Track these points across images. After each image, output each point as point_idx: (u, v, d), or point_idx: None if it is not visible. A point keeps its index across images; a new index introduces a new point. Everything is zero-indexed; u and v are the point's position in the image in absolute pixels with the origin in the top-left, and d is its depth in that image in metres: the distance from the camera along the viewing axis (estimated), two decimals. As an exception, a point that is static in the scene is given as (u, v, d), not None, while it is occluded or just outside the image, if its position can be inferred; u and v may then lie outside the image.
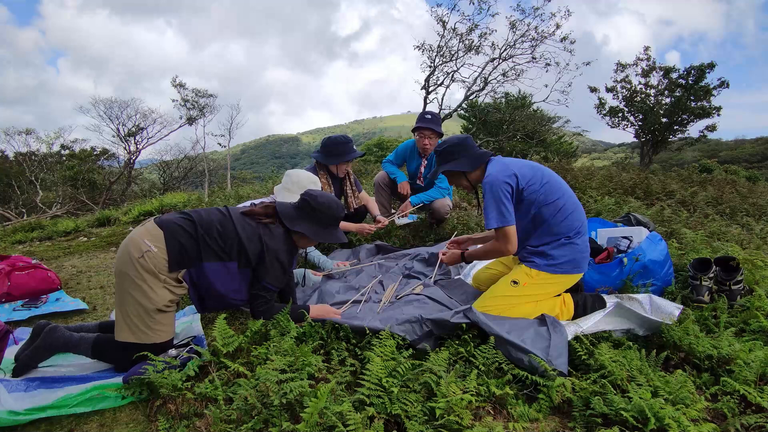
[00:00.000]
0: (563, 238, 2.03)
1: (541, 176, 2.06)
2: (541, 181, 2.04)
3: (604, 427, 1.41)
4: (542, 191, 2.02)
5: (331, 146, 3.14)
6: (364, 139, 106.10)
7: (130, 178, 20.76)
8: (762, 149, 44.89)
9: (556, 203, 2.02)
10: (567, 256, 2.02)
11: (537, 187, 2.02)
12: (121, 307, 1.82)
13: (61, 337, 1.86)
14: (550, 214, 2.02)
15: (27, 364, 1.83)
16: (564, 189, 2.10)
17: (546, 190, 2.02)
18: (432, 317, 1.93)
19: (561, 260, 2.02)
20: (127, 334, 1.80)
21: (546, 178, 2.07)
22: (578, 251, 2.04)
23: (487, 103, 19.24)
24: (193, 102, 21.36)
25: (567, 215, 2.03)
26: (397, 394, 1.49)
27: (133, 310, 1.79)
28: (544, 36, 14.99)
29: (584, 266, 2.10)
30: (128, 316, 1.80)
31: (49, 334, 1.85)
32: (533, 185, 2.01)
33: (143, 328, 1.80)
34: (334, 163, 3.16)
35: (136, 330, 1.79)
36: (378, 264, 3.02)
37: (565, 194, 2.08)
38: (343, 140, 3.17)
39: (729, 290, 2.21)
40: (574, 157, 20.61)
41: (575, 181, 5.81)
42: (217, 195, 6.04)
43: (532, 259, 2.06)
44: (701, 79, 17.70)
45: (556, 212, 2.02)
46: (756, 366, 1.60)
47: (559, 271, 2.02)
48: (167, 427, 1.48)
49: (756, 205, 5.23)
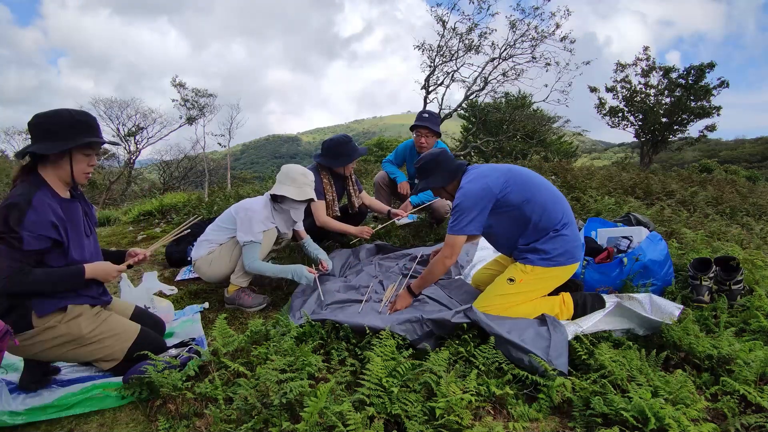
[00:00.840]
0: (551, 232, 2.03)
1: (513, 178, 2.07)
2: (515, 182, 2.05)
3: (604, 427, 1.41)
4: (518, 192, 2.03)
5: (336, 148, 3.11)
6: (364, 138, 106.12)
7: (130, 178, 20.76)
8: (762, 149, 44.90)
9: (534, 200, 2.03)
10: (559, 249, 2.02)
11: (512, 189, 2.03)
12: (69, 359, 1.75)
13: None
14: (531, 211, 2.02)
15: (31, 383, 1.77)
16: (539, 185, 2.10)
17: (521, 190, 2.04)
18: (432, 317, 1.92)
19: (554, 253, 2.02)
20: (105, 364, 1.77)
21: (519, 178, 2.08)
22: (569, 241, 2.04)
23: (487, 102, 19.24)
24: (193, 102, 21.36)
25: (547, 209, 2.04)
26: (397, 394, 1.49)
27: (76, 353, 1.73)
28: (544, 35, 15.00)
29: (579, 255, 2.09)
30: (81, 356, 1.75)
31: None
32: (508, 189, 2.03)
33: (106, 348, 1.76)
34: (342, 165, 3.13)
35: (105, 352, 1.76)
36: (378, 264, 3.02)
37: (542, 190, 2.08)
38: (346, 140, 3.15)
39: (729, 290, 2.20)
40: (574, 156, 20.61)
41: (575, 181, 5.80)
42: (217, 195, 6.04)
43: (525, 255, 2.07)
44: (701, 79, 17.71)
45: (536, 209, 2.03)
46: (756, 366, 1.60)
47: (554, 264, 2.02)
48: (167, 427, 1.49)
49: (756, 205, 5.23)
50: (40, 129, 1.63)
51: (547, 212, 2.03)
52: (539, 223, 2.03)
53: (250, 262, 2.48)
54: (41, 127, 1.63)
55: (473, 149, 17.95)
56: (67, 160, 1.66)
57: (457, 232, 2.04)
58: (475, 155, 17.04)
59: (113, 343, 1.77)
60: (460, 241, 2.08)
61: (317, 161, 3.19)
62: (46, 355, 1.71)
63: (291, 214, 2.68)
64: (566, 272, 2.08)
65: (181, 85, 21.00)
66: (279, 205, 2.65)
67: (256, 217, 2.49)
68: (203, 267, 2.59)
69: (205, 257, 2.58)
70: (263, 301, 2.59)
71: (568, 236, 2.04)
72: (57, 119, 1.62)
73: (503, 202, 2.03)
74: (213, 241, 2.59)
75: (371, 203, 3.49)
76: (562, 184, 5.76)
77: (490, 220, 2.08)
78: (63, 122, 1.63)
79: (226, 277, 2.61)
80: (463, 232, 2.03)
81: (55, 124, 1.62)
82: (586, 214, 4.03)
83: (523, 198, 2.02)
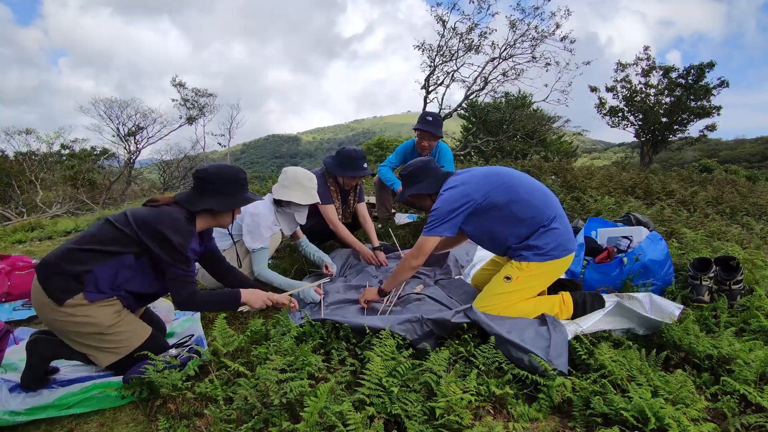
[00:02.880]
0: (540, 228, 2.04)
1: (496, 181, 2.08)
2: (498, 184, 2.06)
3: (604, 426, 1.41)
4: (502, 193, 2.04)
5: (343, 157, 3.08)
6: (364, 138, 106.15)
7: (130, 178, 20.76)
8: (762, 149, 44.90)
9: (520, 199, 2.04)
10: (551, 243, 2.02)
11: (497, 191, 2.04)
12: (80, 346, 1.75)
13: (48, 347, 1.79)
14: (518, 209, 2.03)
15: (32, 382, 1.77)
16: (523, 183, 2.11)
17: (505, 190, 2.05)
18: (432, 317, 1.93)
19: (547, 248, 2.02)
20: (107, 359, 1.77)
21: (501, 179, 2.09)
22: (560, 234, 2.05)
23: (487, 102, 19.23)
24: (192, 101, 21.36)
25: (534, 205, 2.05)
26: (397, 393, 1.49)
27: (91, 341, 1.73)
28: (544, 35, 14.99)
29: (572, 247, 2.10)
30: (93, 347, 1.75)
31: (34, 346, 1.78)
32: (491, 192, 2.04)
33: (116, 346, 1.75)
34: (339, 175, 3.09)
35: (111, 350, 1.76)
36: (377, 264, 3.03)
37: (526, 187, 2.09)
38: (356, 155, 3.07)
39: (729, 290, 2.21)
40: (574, 156, 20.59)
41: (575, 181, 5.80)
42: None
43: (519, 253, 2.07)
44: (701, 79, 17.70)
45: (523, 207, 2.03)
46: (756, 366, 1.60)
47: (548, 258, 2.03)
48: (167, 426, 1.48)
49: (756, 205, 5.23)
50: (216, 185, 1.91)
51: (534, 208, 2.04)
52: (529, 220, 2.04)
53: (260, 269, 2.47)
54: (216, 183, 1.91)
55: (473, 149, 17.95)
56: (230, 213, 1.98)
57: (428, 233, 2.08)
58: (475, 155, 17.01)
59: (125, 339, 1.78)
60: (430, 242, 2.10)
61: (324, 164, 3.17)
62: (65, 331, 1.72)
63: (296, 217, 2.69)
64: (561, 265, 2.08)
65: (180, 84, 21.01)
66: (283, 209, 2.65)
67: (263, 223, 2.49)
68: (205, 276, 2.54)
69: None
70: (263, 301, 2.58)
71: (559, 230, 2.05)
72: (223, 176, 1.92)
73: (489, 205, 2.04)
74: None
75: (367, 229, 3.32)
76: (562, 184, 5.76)
77: (481, 225, 2.10)
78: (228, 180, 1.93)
79: None
80: (435, 233, 2.06)
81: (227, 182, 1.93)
82: (586, 214, 4.03)
83: (508, 198, 2.03)
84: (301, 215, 2.70)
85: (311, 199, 2.62)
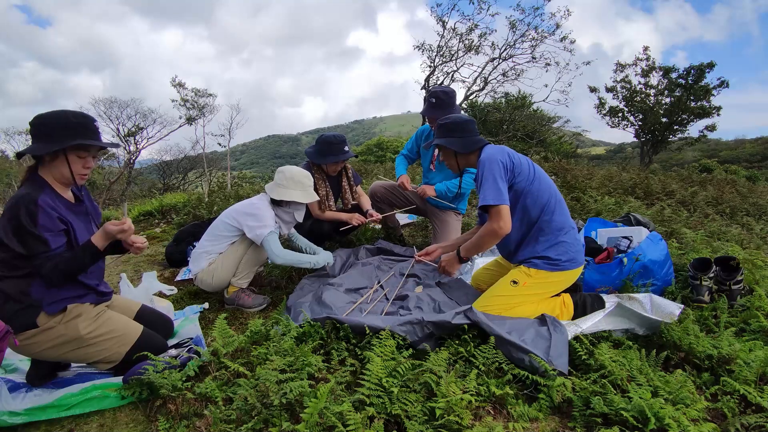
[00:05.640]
0: (552, 238, 2.03)
1: (532, 172, 2.05)
2: (531, 176, 2.03)
3: (604, 426, 1.41)
4: (531, 188, 2.02)
5: (323, 145, 3.11)
6: (363, 138, 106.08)
7: (129, 178, 20.74)
8: (762, 149, 44.88)
9: (548, 204, 2.02)
10: (563, 256, 2.02)
11: (526, 179, 2.02)
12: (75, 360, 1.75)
13: None
14: (539, 214, 2.02)
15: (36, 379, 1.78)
16: (552, 188, 2.10)
17: (535, 189, 2.02)
18: (433, 319, 1.92)
19: (558, 259, 2.02)
20: (103, 366, 1.77)
21: (534, 174, 2.06)
22: (571, 246, 2.04)
23: (487, 103, 19.25)
24: (192, 102, 21.34)
25: (555, 214, 2.04)
26: (397, 394, 1.49)
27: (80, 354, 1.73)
28: (544, 36, 15.01)
29: (581, 259, 2.09)
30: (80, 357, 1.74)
31: None
32: (521, 176, 2.01)
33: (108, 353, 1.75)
34: (323, 163, 3.12)
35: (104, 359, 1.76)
36: (378, 264, 3.02)
37: (553, 194, 2.07)
38: (335, 140, 3.11)
39: (729, 290, 2.20)
40: (575, 157, 20.60)
41: (575, 181, 5.80)
42: (217, 195, 6.04)
43: (529, 260, 2.07)
44: (701, 79, 17.72)
45: (545, 212, 2.02)
46: (756, 366, 1.60)
47: (558, 269, 2.02)
48: (167, 427, 1.48)
49: (756, 205, 5.23)
50: (38, 130, 1.63)
51: (555, 217, 2.03)
52: (545, 228, 2.02)
53: (278, 252, 2.46)
54: (39, 128, 1.63)
55: (473, 149, 17.94)
56: (63, 161, 1.65)
57: (501, 201, 1.91)
58: (475, 155, 16.99)
59: (112, 345, 1.76)
60: (507, 209, 1.93)
61: (307, 154, 3.21)
62: (47, 355, 1.71)
63: (295, 215, 2.71)
64: (570, 276, 2.08)
65: (180, 85, 20.99)
66: (282, 209, 2.65)
67: (266, 213, 2.52)
68: (207, 279, 2.54)
69: (206, 269, 2.53)
70: (263, 302, 2.59)
71: (570, 243, 2.04)
72: (53, 120, 1.63)
73: (515, 184, 2.00)
74: (212, 251, 2.55)
75: (360, 198, 3.41)
76: (562, 184, 5.77)
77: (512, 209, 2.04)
78: (59, 123, 1.62)
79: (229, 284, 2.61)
80: (508, 202, 1.92)
81: (51, 125, 1.62)
82: (586, 214, 4.03)
83: (542, 199, 2.00)
84: (299, 212, 2.74)
85: (311, 197, 2.64)
